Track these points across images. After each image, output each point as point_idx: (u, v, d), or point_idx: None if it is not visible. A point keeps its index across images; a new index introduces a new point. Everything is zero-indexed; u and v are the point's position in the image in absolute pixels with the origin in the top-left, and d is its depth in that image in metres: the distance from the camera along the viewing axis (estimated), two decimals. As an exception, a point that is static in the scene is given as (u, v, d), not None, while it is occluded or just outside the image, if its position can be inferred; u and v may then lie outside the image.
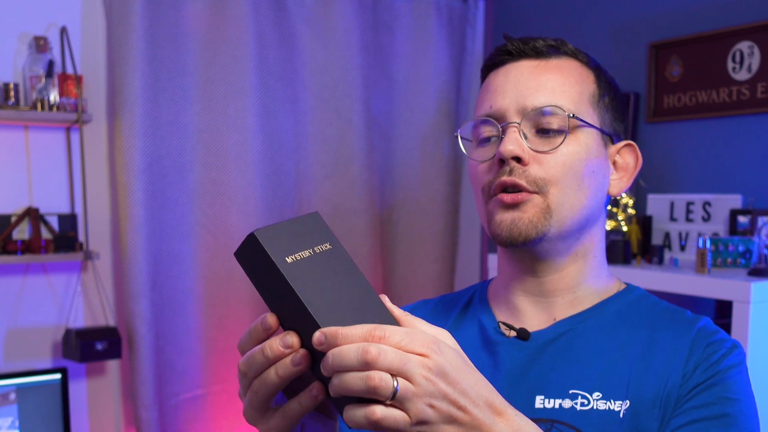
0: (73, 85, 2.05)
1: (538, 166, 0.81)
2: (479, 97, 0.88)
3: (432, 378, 0.57)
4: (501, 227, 0.82)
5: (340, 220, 2.47)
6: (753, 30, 1.93)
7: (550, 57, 0.85)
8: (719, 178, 2.04)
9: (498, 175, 0.81)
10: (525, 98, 0.82)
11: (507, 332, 0.87)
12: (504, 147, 0.80)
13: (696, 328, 0.82)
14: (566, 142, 0.81)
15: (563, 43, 0.87)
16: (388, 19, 2.54)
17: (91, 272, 2.17)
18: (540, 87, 0.82)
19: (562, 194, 0.81)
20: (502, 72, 0.85)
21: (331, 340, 0.57)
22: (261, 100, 2.29)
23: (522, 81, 0.83)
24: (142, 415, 2.11)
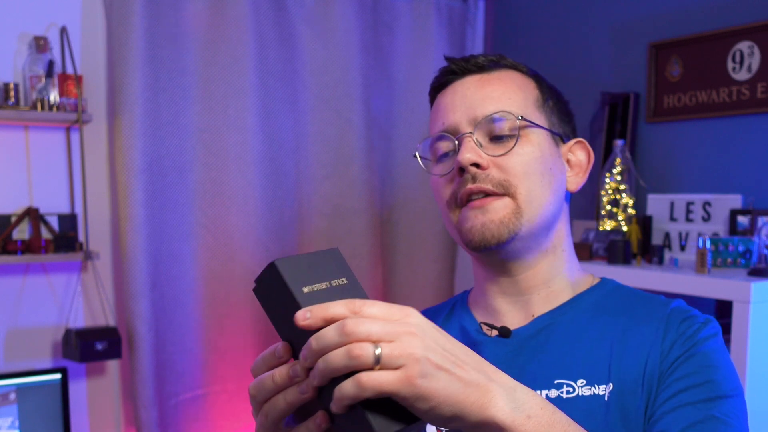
0: (73, 85, 2.05)
1: (498, 169, 0.85)
2: (431, 118, 0.92)
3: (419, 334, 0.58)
4: (472, 232, 0.84)
5: (340, 220, 2.47)
6: (753, 30, 1.93)
7: (492, 70, 0.90)
8: (719, 178, 2.04)
9: (461, 184, 0.85)
10: (474, 109, 0.86)
11: (489, 332, 0.90)
12: (461, 156, 0.84)
13: (670, 308, 0.86)
14: (520, 143, 0.85)
15: (502, 57, 0.92)
16: (388, 19, 2.54)
17: (91, 272, 2.17)
18: (486, 97, 0.87)
19: (528, 192, 0.85)
20: (449, 91, 0.90)
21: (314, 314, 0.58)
22: (261, 100, 2.29)
23: (469, 95, 0.88)
24: (142, 415, 2.11)
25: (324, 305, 0.59)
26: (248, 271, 2.30)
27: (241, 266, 2.29)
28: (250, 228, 2.30)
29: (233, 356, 2.31)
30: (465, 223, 0.85)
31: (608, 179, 2.04)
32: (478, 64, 0.90)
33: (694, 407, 0.76)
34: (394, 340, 0.57)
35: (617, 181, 2.03)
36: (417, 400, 0.57)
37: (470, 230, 0.85)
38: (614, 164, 2.03)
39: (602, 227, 2.05)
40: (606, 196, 2.05)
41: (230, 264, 2.28)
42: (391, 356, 0.56)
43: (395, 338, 0.57)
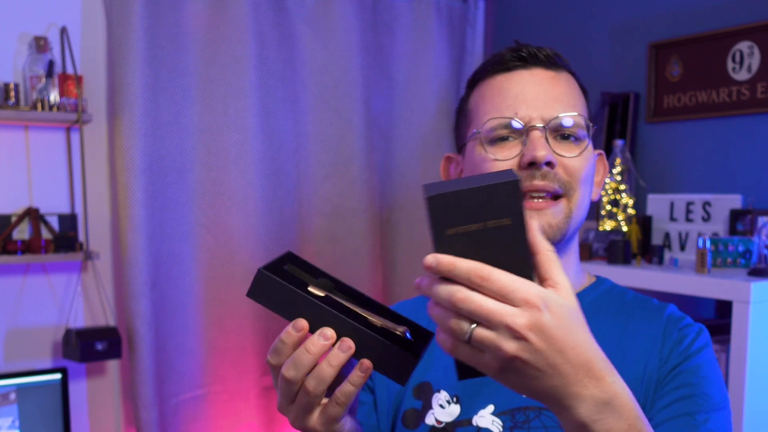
0: (73, 85, 2.05)
1: (563, 170, 0.86)
2: (489, 98, 0.89)
3: (523, 331, 0.57)
4: None
5: (340, 220, 2.47)
6: (753, 30, 1.93)
7: (558, 69, 0.90)
8: (719, 178, 2.04)
9: (528, 177, 0.84)
10: (548, 107, 0.86)
11: None
12: (537, 151, 0.83)
13: (666, 314, 0.91)
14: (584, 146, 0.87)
15: (561, 56, 0.93)
16: (388, 19, 2.54)
17: (91, 272, 2.17)
18: (558, 98, 0.87)
19: (581, 198, 0.87)
20: (517, 78, 0.88)
21: (438, 267, 0.59)
22: (261, 100, 2.29)
23: (542, 91, 0.87)
24: (142, 415, 2.11)
25: (452, 261, 0.58)
26: (248, 271, 2.30)
27: (241, 266, 2.29)
28: (250, 228, 2.30)
29: (233, 356, 2.31)
30: None
31: (608, 179, 2.04)
32: (548, 57, 0.90)
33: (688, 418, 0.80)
34: (493, 329, 0.57)
35: (617, 181, 2.03)
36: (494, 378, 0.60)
37: None
38: (614, 164, 2.03)
39: (602, 227, 2.05)
40: (606, 196, 2.05)
41: (230, 264, 2.28)
42: (481, 343, 0.58)
43: (496, 327, 0.57)
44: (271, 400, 2.39)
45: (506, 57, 0.89)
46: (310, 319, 0.67)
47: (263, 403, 2.38)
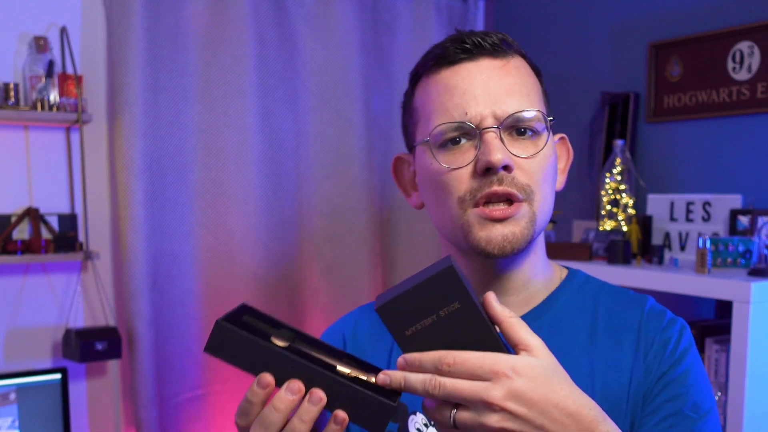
0: (73, 85, 2.05)
1: (521, 172, 0.79)
2: (435, 97, 0.83)
3: (500, 403, 0.59)
4: (492, 244, 0.78)
5: (340, 220, 2.47)
6: (753, 30, 1.93)
7: (507, 55, 0.83)
8: (719, 178, 2.04)
9: (484, 185, 0.78)
10: (499, 103, 0.79)
11: None
12: (492, 155, 0.76)
13: (645, 311, 0.86)
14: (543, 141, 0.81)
15: (508, 38, 0.85)
16: (388, 19, 2.54)
17: (91, 272, 2.17)
18: (509, 90, 0.81)
19: (543, 198, 0.81)
20: (464, 73, 0.81)
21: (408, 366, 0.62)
22: (261, 100, 2.29)
23: (491, 85, 0.80)
24: (142, 415, 2.11)
25: (401, 376, 0.62)
26: (248, 271, 2.30)
27: (241, 266, 2.29)
28: (250, 228, 2.30)
29: (233, 356, 2.31)
30: (480, 232, 0.79)
31: (608, 179, 2.04)
32: (494, 44, 0.82)
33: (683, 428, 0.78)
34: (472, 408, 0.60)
35: (617, 181, 2.03)
36: None
37: (488, 241, 0.78)
38: (614, 164, 2.03)
39: (602, 227, 2.05)
40: (606, 196, 2.05)
41: (230, 264, 2.28)
42: (464, 424, 0.60)
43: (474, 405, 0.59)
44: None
45: (449, 50, 0.83)
46: (275, 373, 0.63)
47: (263, 403, 2.38)
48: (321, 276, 2.46)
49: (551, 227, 2.21)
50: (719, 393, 1.66)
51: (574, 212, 2.42)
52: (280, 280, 2.37)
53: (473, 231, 0.79)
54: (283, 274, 2.38)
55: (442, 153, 0.81)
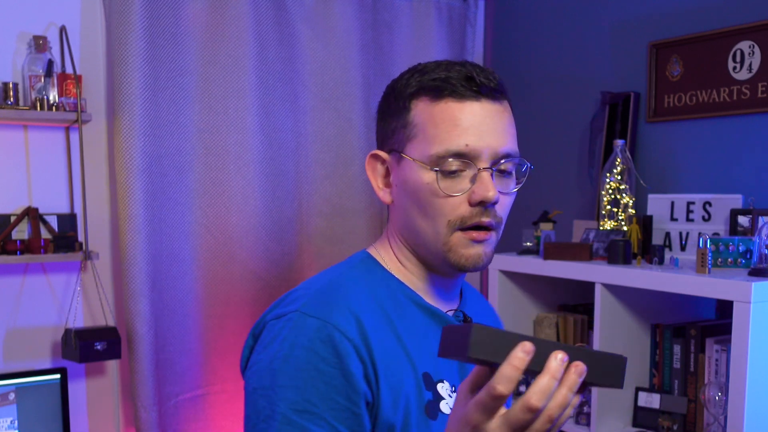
0: (73, 85, 2.04)
1: (500, 206, 0.95)
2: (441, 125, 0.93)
3: None
4: (468, 261, 0.94)
5: (340, 220, 2.47)
6: (753, 30, 1.93)
7: (502, 100, 0.95)
8: (719, 178, 2.04)
9: (476, 214, 0.92)
10: (497, 143, 0.92)
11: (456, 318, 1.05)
12: (490, 192, 0.91)
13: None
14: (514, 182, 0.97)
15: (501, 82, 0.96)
16: (388, 18, 2.54)
17: (90, 272, 2.16)
18: (505, 133, 0.94)
19: (502, 228, 0.98)
20: (469, 110, 0.93)
21: None
22: (261, 99, 2.29)
23: (492, 125, 0.93)
24: (142, 416, 2.11)
25: None
26: (248, 271, 2.30)
27: (241, 266, 2.29)
28: (250, 228, 2.29)
29: (233, 356, 2.31)
30: (463, 250, 0.94)
31: (608, 179, 2.04)
32: (496, 89, 0.94)
33: None
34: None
35: (617, 180, 2.03)
36: None
37: (468, 258, 0.94)
38: (614, 164, 2.03)
39: (602, 227, 2.05)
40: (606, 196, 2.04)
41: (230, 264, 2.28)
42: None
43: None
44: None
45: (458, 86, 0.93)
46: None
47: (263, 403, 2.38)
48: (321, 276, 2.45)
49: (551, 227, 2.21)
50: (720, 393, 1.66)
51: (574, 212, 2.42)
52: (280, 280, 2.37)
53: (457, 250, 0.94)
54: (283, 275, 2.38)
55: (441, 177, 0.93)
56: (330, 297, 0.93)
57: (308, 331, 0.89)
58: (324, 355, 0.87)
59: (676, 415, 1.84)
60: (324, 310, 0.90)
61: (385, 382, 0.90)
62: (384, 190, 1.02)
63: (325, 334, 0.88)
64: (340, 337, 0.88)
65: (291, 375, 0.87)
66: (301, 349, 0.88)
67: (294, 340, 0.89)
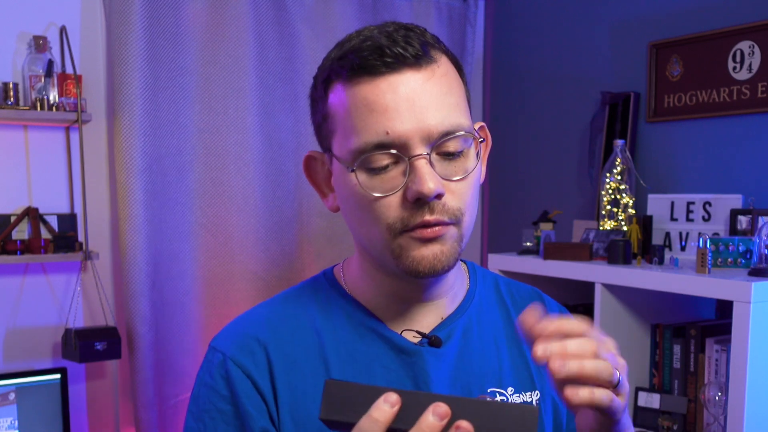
0: (73, 85, 2.04)
1: (452, 196, 0.76)
2: (354, 111, 0.76)
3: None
4: (422, 264, 0.76)
5: (340, 220, 2.47)
6: (753, 30, 1.93)
7: (432, 63, 0.76)
8: (719, 178, 2.04)
9: (417, 214, 0.74)
10: (426, 122, 0.73)
11: (414, 340, 0.83)
12: (426, 185, 0.72)
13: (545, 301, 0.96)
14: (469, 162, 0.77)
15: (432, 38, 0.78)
16: (388, 18, 2.53)
17: (90, 272, 2.16)
18: (435, 104, 0.74)
19: (470, 218, 0.79)
20: (385, 86, 0.74)
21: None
22: (261, 99, 2.29)
23: (416, 100, 0.74)
24: (142, 416, 2.11)
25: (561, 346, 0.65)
26: (248, 271, 2.30)
27: (241, 266, 2.29)
28: (250, 228, 2.29)
29: (233, 356, 2.31)
30: (413, 252, 0.76)
31: (608, 179, 2.04)
32: (417, 54, 0.74)
33: None
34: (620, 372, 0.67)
35: (617, 180, 2.03)
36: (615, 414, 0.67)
37: (421, 260, 0.76)
38: (614, 164, 2.03)
39: (602, 227, 2.05)
40: (606, 196, 2.04)
41: (230, 264, 2.28)
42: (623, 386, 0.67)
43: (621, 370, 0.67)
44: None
45: (368, 60, 0.74)
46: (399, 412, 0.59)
47: (263, 403, 2.38)
48: (321, 276, 2.45)
49: (551, 227, 2.21)
50: (720, 393, 1.66)
51: (574, 212, 2.42)
52: (280, 280, 2.37)
53: (405, 255, 0.76)
54: (283, 274, 2.38)
55: (366, 177, 0.75)
56: (240, 326, 0.86)
57: (211, 367, 0.83)
58: (223, 393, 0.81)
59: (676, 415, 1.84)
60: (227, 342, 0.84)
61: (289, 418, 0.80)
62: (329, 196, 0.85)
63: (224, 369, 0.82)
64: (236, 371, 0.81)
65: (196, 416, 0.83)
66: (204, 388, 0.83)
67: (201, 377, 0.84)
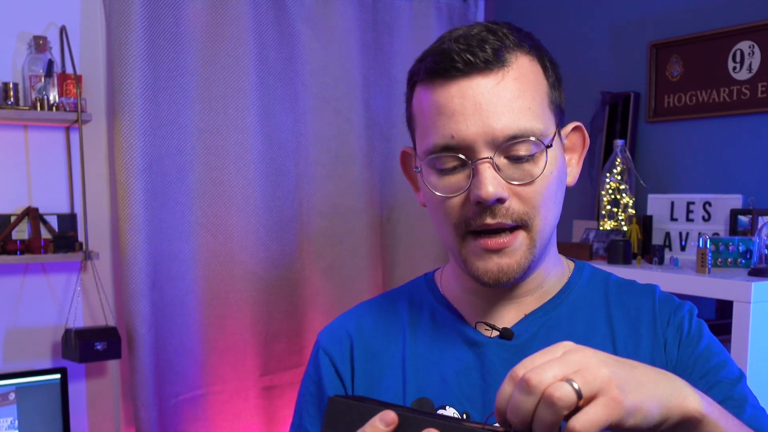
0: (73, 85, 2.04)
1: (518, 200, 0.76)
2: (427, 112, 0.78)
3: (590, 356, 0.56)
4: (488, 275, 0.78)
5: (340, 220, 2.47)
6: (753, 30, 1.93)
7: (504, 66, 0.76)
8: (719, 178, 2.04)
9: (478, 216, 0.76)
10: (492, 126, 0.74)
11: (487, 332, 0.85)
12: (484, 190, 0.73)
13: (656, 298, 0.86)
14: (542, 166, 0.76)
15: (506, 37, 0.77)
16: (388, 18, 2.54)
17: (90, 272, 2.17)
18: (504, 108, 0.74)
19: (544, 220, 0.79)
20: (455, 90, 0.75)
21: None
22: (261, 99, 2.29)
23: (483, 103, 0.74)
24: (142, 415, 2.11)
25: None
26: (248, 271, 2.30)
27: (241, 266, 2.29)
28: (250, 228, 2.29)
29: (233, 356, 2.31)
30: (477, 262, 0.78)
31: (608, 179, 2.04)
32: (487, 60, 0.75)
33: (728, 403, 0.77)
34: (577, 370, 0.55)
35: (617, 180, 2.03)
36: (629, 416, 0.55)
37: (485, 272, 0.78)
38: (614, 164, 2.03)
39: (602, 227, 2.05)
40: (606, 196, 2.04)
41: (230, 264, 2.28)
42: (587, 383, 0.54)
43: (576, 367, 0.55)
44: (270, 399, 2.39)
45: (441, 65, 0.77)
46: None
47: (263, 403, 2.38)
48: (321, 276, 2.45)
49: (551, 227, 2.21)
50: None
51: (574, 212, 2.42)
52: (280, 280, 2.37)
53: (471, 261, 0.79)
54: (283, 274, 2.38)
55: (436, 177, 0.78)
56: (338, 320, 0.95)
57: (311, 356, 0.94)
58: (313, 378, 0.91)
59: (676, 415, 1.84)
60: (324, 334, 0.94)
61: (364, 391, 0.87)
62: (419, 191, 0.87)
63: (317, 357, 0.92)
64: (324, 359, 0.91)
65: (298, 401, 0.94)
66: (305, 374, 0.94)
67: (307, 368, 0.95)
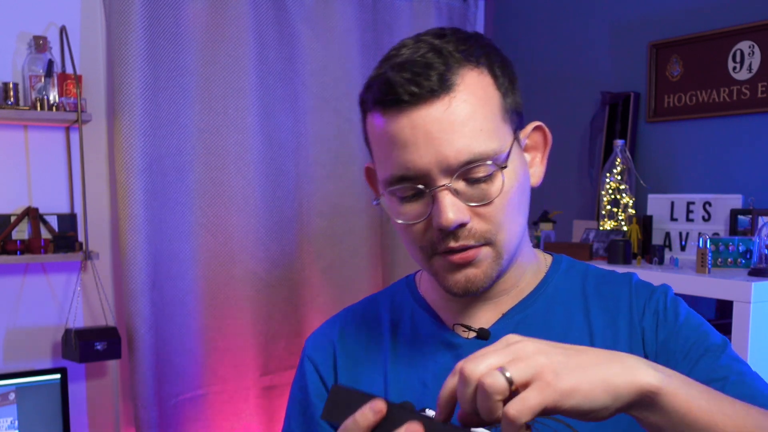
0: (73, 85, 2.04)
1: (479, 220, 0.76)
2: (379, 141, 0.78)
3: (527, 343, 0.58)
4: (456, 286, 0.79)
5: (340, 220, 2.47)
6: (753, 30, 1.93)
7: (450, 90, 0.74)
8: (719, 178, 2.04)
9: (442, 241, 0.77)
10: (445, 153, 0.73)
11: (464, 334, 0.85)
12: (444, 217, 0.74)
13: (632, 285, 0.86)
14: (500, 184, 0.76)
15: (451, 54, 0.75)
16: (388, 18, 2.54)
17: (90, 272, 2.16)
18: (457, 134, 0.73)
19: (509, 233, 0.79)
20: (405, 121, 0.74)
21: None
22: (261, 99, 2.29)
23: (435, 132, 0.73)
24: (142, 415, 2.11)
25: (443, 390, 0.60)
26: (248, 271, 2.30)
27: (241, 266, 2.29)
28: (250, 228, 2.29)
29: (233, 356, 2.31)
30: (447, 275, 0.79)
31: (608, 179, 2.04)
32: (433, 88, 0.73)
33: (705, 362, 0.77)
34: (512, 359, 0.57)
35: (617, 180, 2.03)
36: (565, 398, 0.55)
37: (454, 284, 0.79)
38: (614, 164, 2.03)
39: (602, 227, 2.05)
40: (606, 196, 2.04)
41: (230, 264, 2.28)
42: (519, 370, 0.55)
43: (511, 356, 0.57)
44: (270, 399, 2.39)
45: (387, 96, 0.75)
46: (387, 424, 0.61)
47: (263, 403, 2.38)
48: (321, 276, 2.45)
49: (551, 227, 2.21)
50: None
51: (574, 212, 2.42)
52: (280, 280, 2.37)
53: (441, 275, 0.80)
54: (283, 274, 2.38)
55: (398, 205, 0.79)
56: (323, 327, 0.97)
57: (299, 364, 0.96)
58: (300, 384, 0.94)
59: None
60: (309, 341, 0.96)
61: None
62: None
63: (303, 365, 0.95)
64: (309, 366, 0.93)
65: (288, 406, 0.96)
66: (294, 381, 0.97)
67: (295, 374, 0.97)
